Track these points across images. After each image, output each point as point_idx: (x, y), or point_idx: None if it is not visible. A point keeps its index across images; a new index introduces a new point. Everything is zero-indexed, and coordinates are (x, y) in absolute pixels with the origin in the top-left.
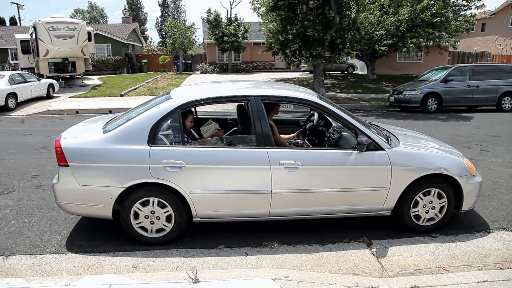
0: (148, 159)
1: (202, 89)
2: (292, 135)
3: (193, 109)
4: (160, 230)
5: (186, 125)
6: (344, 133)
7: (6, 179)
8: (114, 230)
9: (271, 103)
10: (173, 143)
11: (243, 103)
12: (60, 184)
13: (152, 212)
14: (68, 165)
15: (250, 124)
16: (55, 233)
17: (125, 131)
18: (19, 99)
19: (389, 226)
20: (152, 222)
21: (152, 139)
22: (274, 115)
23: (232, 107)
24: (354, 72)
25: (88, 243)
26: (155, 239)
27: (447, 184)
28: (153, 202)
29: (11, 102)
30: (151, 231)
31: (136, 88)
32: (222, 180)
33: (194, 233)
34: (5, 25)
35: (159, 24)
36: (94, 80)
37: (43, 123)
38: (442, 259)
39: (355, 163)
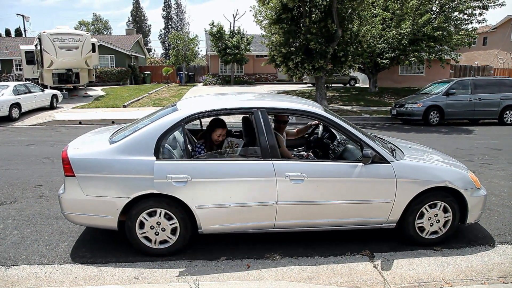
0: (153, 172)
1: (208, 101)
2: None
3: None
4: (164, 241)
5: (213, 138)
6: (349, 146)
7: (8, 189)
8: (117, 241)
9: (282, 116)
10: (178, 156)
11: (248, 115)
12: (66, 194)
13: (158, 223)
14: (74, 176)
15: (256, 136)
16: (57, 244)
17: (131, 142)
18: (23, 110)
19: (391, 239)
20: (157, 233)
21: (158, 150)
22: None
23: (234, 119)
24: (356, 84)
25: (90, 254)
26: (158, 250)
27: (453, 199)
28: (160, 213)
29: (15, 113)
30: (155, 242)
31: (139, 99)
32: (228, 193)
33: (196, 244)
34: (11, 36)
35: (163, 36)
36: (98, 91)
37: (46, 134)
38: (445, 273)
39: (360, 176)
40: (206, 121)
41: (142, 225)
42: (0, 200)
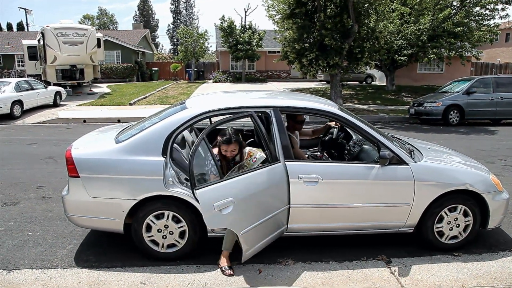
0: (163, 171)
1: (219, 99)
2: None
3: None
4: (171, 245)
5: (222, 153)
6: (365, 146)
7: (10, 190)
8: (122, 244)
9: (298, 115)
10: (188, 156)
11: (260, 114)
12: (70, 196)
13: (166, 226)
14: (79, 176)
15: (267, 136)
16: (60, 247)
17: (138, 141)
18: (25, 107)
19: (409, 243)
20: (164, 237)
21: (166, 150)
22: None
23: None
24: (372, 82)
25: (95, 258)
26: (166, 255)
27: (474, 202)
28: (168, 216)
29: (17, 110)
30: (162, 246)
31: (146, 97)
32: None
33: (206, 248)
34: (12, 30)
35: (171, 31)
36: (103, 88)
37: (49, 132)
38: (464, 279)
39: (377, 178)
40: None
41: (149, 228)
42: (1, 202)
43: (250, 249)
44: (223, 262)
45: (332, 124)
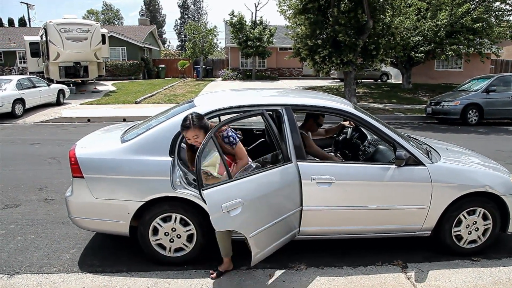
0: (170, 171)
1: (228, 97)
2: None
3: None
4: (179, 249)
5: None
6: (381, 147)
7: (11, 192)
8: (128, 248)
9: (319, 116)
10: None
11: (271, 113)
12: (73, 197)
13: (173, 229)
14: (83, 177)
15: (279, 135)
16: (64, 251)
17: (144, 140)
18: (27, 106)
19: (426, 248)
20: (171, 240)
21: (174, 150)
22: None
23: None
24: (388, 80)
25: (100, 262)
26: (173, 259)
27: (493, 205)
28: (176, 218)
29: (19, 109)
30: (170, 250)
31: (152, 95)
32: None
33: (215, 253)
34: (14, 26)
35: (178, 27)
36: (108, 86)
37: (52, 132)
38: (484, 285)
39: (392, 179)
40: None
41: (156, 231)
42: (2, 204)
43: (260, 252)
44: (223, 266)
45: (346, 123)
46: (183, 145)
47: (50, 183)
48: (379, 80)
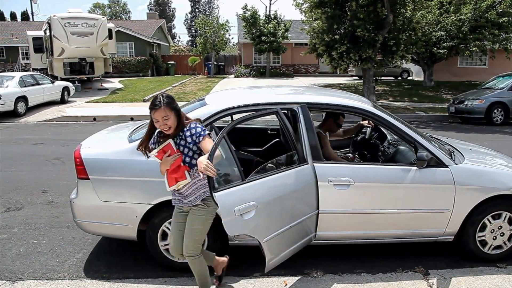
0: None
1: (241, 94)
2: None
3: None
4: None
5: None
6: (401, 147)
7: (14, 194)
8: (135, 253)
9: (339, 117)
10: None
11: (286, 111)
12: (79, 199)
13: None
14: (88, 178)
15: (294, 135)
16: (68, 256)
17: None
18: (30, 104)
19: (448, 253)
20: None
21: None
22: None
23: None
24: (409, 78)
25: (106, 268)
26: (183, 265)
27: None
28: None
29: (21, 107)
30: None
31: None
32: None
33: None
34: (16, 20)
35: (189, 21)
36: (115, 83)
37: (56, 131)
38: None
39: (413, 181)
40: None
41: (165, 235)
42: (4, 206)
43: (274, 258)
44: None
45: (365, 123)
46: None
47: (54, 185)
48: (400, 78)
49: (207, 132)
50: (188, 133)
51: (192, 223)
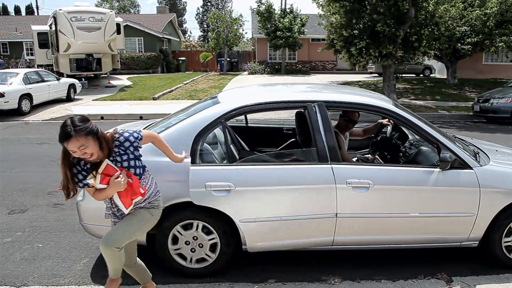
0: (188, 179)
1: (255, 92)
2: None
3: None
4: (201, 260)
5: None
6: (423, 148)
7: (18, 196)
8: (144, 258)
9: (350, 112)
10: (220, 158)
11: (303, 110)
12: (86, 202)
13: (195, 238)
14: None
15: (311, 135)
16: (75, 261)
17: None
18: (35, 102)
19: (473, 259)
20: (193, 250)
21: (195, 151)
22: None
23: (285, 114)
24: (431, 75)
25: None
26: (194, 270)
27: None
28: (197, 226)
29: (25, 105)
30: (191, 260)
31: (172, 91)
32: (279, 203)
33: (239, 263)
34: (20, 14)
35: (201, 16)
36: (123, 80)
37: None
38: None
39: (436, 184)
40: (252, 116)
41: (175, 239)
42: (8, 209)
43: (259, 243)
44: None
45: (385, 121)
46: (205, 145)
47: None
48: (421, 75)
49: (139, 131)
50: (126, 144)
51: (129, 217)
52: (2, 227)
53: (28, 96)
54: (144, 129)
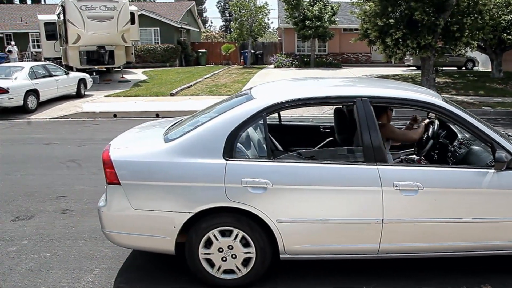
0: (224, 176)
1: (293, 87)
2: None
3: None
4: (229, 271)
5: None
6: (474, 147)
7: (24, 201)
8: (163, 270)
9: (382, 108)
10: (253, 157)
11: (342, 106)
12: (108, 207)
13: (230, 247)
14: (119, 184)
15: (352, 133)
16: (85, 272)
17: (194, 140)
18: (42, 98)
19: None
20: (224, 259)
21: (229, 151)
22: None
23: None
24: (474, 68)
25: (128, 286)
26: (220, 280)
27: None
28: (237, 235)
29: (32, 102)
30: (218, 269)
31: (191, 86)
32: (319, 205)
33: (266, 274)
34: (26, 3)
35: (222, 4)
36: (138, 74)
37: (71, 129)
38: None
39: (491, 186)
40: (285, 113)
41: (209, 244)
42: (12, 215)
43: (295, 245)
44: None
45: (426, 120)
46: (239, 145)
47: (69, 191)
48: (464, 68)
49: None
50: None
51: None
52: (6, 235)
53: (34, 92)
54: (170, 127)
